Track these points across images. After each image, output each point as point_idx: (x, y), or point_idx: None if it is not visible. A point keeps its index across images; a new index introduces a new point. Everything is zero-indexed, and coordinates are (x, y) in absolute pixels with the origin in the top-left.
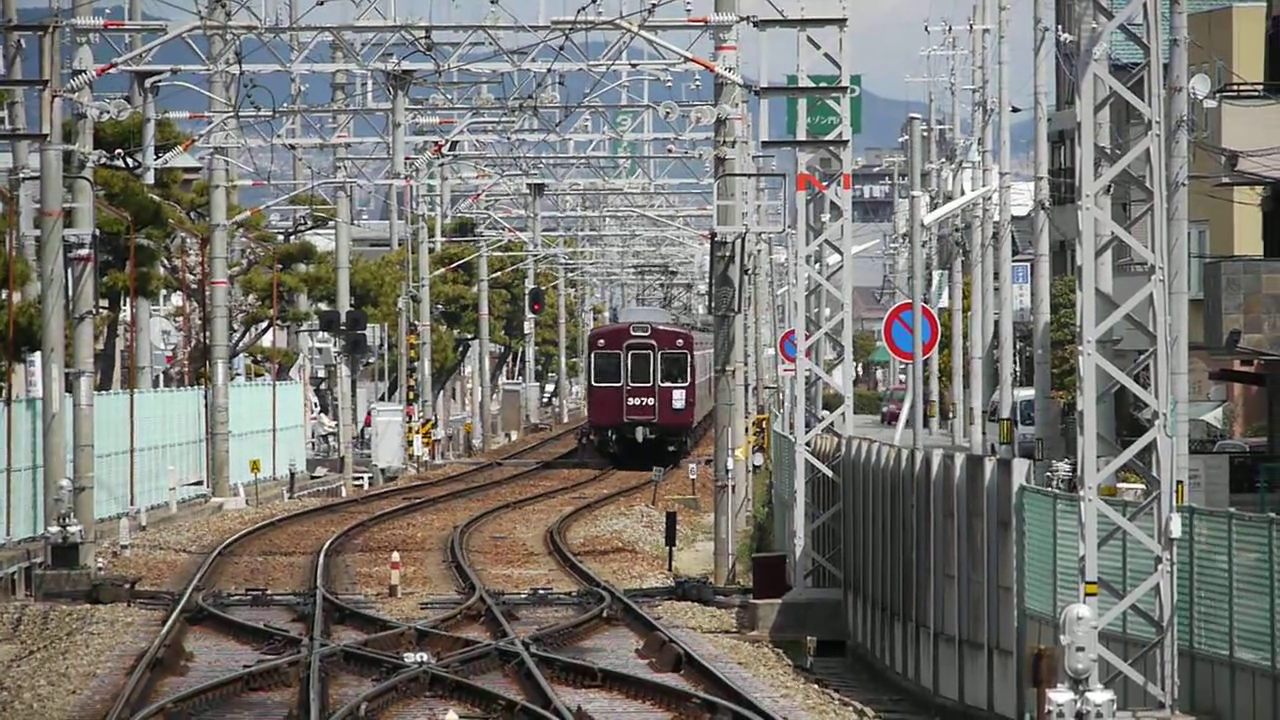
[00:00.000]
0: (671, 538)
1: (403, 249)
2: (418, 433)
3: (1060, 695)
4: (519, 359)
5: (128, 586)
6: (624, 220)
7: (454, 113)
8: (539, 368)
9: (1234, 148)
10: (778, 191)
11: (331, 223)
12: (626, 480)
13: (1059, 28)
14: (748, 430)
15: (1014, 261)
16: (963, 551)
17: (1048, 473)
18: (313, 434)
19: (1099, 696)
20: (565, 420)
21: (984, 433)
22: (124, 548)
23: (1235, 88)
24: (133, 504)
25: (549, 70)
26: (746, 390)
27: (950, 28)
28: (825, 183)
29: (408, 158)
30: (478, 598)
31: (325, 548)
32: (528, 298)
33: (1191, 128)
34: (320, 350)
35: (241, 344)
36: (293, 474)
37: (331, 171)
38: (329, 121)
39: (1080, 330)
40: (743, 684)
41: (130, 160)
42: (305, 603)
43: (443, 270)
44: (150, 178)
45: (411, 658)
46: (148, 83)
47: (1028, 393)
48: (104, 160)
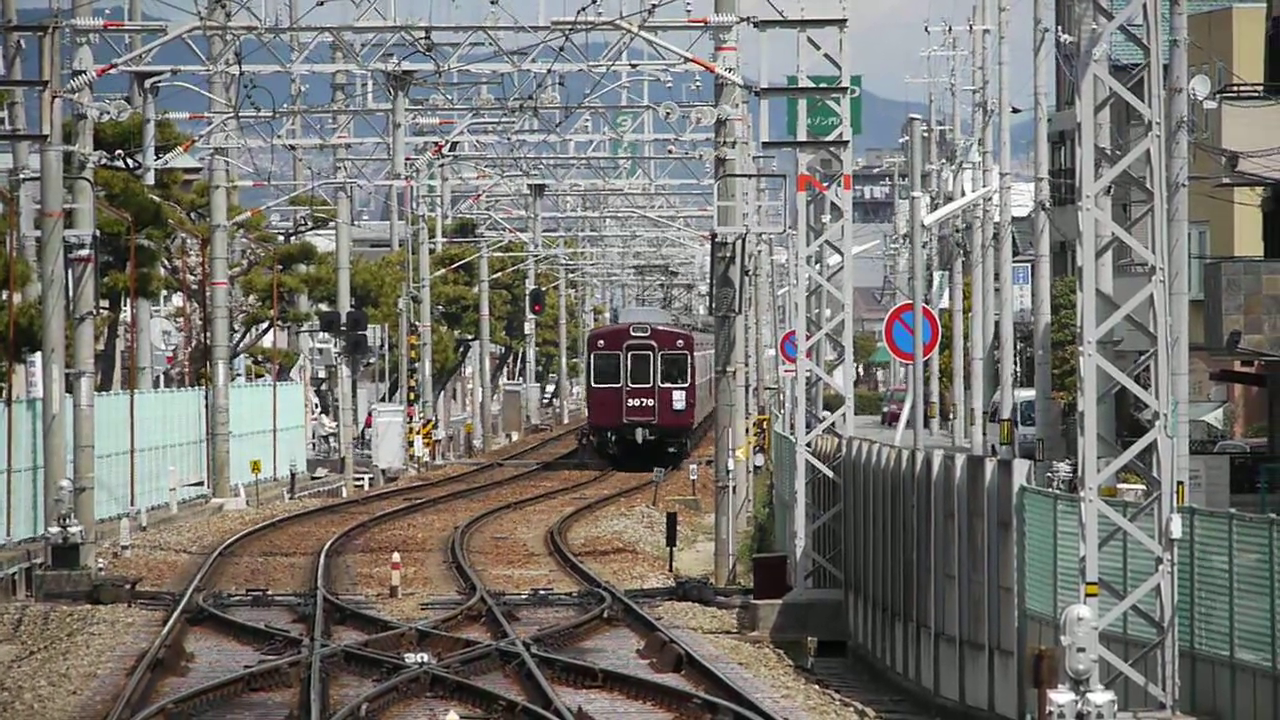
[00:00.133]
0: (672, 538)
1: (403, 250)
2: (418, 433)
3: (1061, 696)
4: (520, 360)
5: (128, 587)
6: (624, 221)
7: (454, 113)
8: (539, 368)
9: (1234, 148)
10: (778, 192)
11: (332, 223)
12: (627, 481)
13: (1059, 28)
14: (748, 431)
15: (1014, 262)
16: (963, 552)
17: (1048, 473)
18: (313, 434)
19: (1100, 697)
20: (566, 421)
21: (984, 433)
22: (124, 548)
23: (1235, 88)
24: (133, 504)
25: (549, 71)
26: (747, 391)
27: (950, 28)
28: (826, 183)
29: (408, 158)
30: (478, 598)
31: (326, 548)
32: (528, 298)
33: (1191, 129)
34: (321, 351)
35: (242, 345)
36: (293, 475)
37: (332, 172)
38: (329, 122)
39: (1081, 331)
40: (743, 684)
41: (130, 161)
42: (306, 603)
43: (443, 271)
44: (150, 178)
45: (412, 658)
46: (148, 83)
47: (1028, 393)
48: (104, 161)
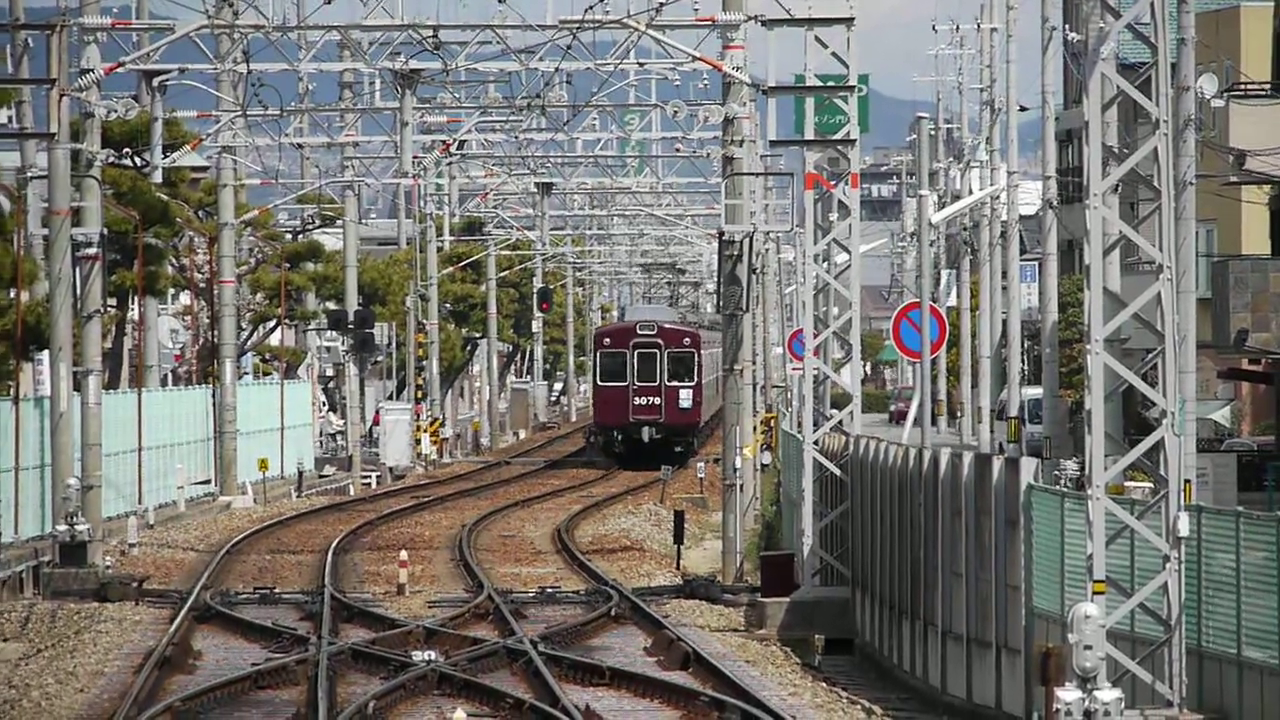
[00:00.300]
0: (679, 536)
1: (411, 248)
2: (426, 431)
3: (1068, 694)
4: (527, 358)
5: (135, 585)
6: (632, 219)
7: (462, 112)
8: (547, 366)
9: (1241, 147)
10: (786, 190)
11: (339, 221)
12: (634, 479)
13: (1066, 27)
14: (756, 429)
15: (1022, 260)
16: (971, 550)
17: (1055, 471)
18: (321, 433)
19: (1107, 695)
20: (573, 419)
21: (992, 431)
22: (132, 546)
23: (1243, 87)
24: (140, 502)
25: (557, 69)
26: (755, 389)
27: (958, 27)
28: (833, 182)
29: (415, 156)
30: (486, 596)
31: (333, 546)
32: (536, 296)
33: (1199, 127)
34: (328, 349)
35: (249, 343)
36: (301, 473)
37: (339, 170)
38: (337, 120)
39: (1088, 329)
40: (751, 682)
41: (138, 159)
42: (313, 601)
43: (451, 269)
44: (158, 176)
45: (419, 656)
46: (155, 82)
47: (1036, 391)
48: (112, 159)
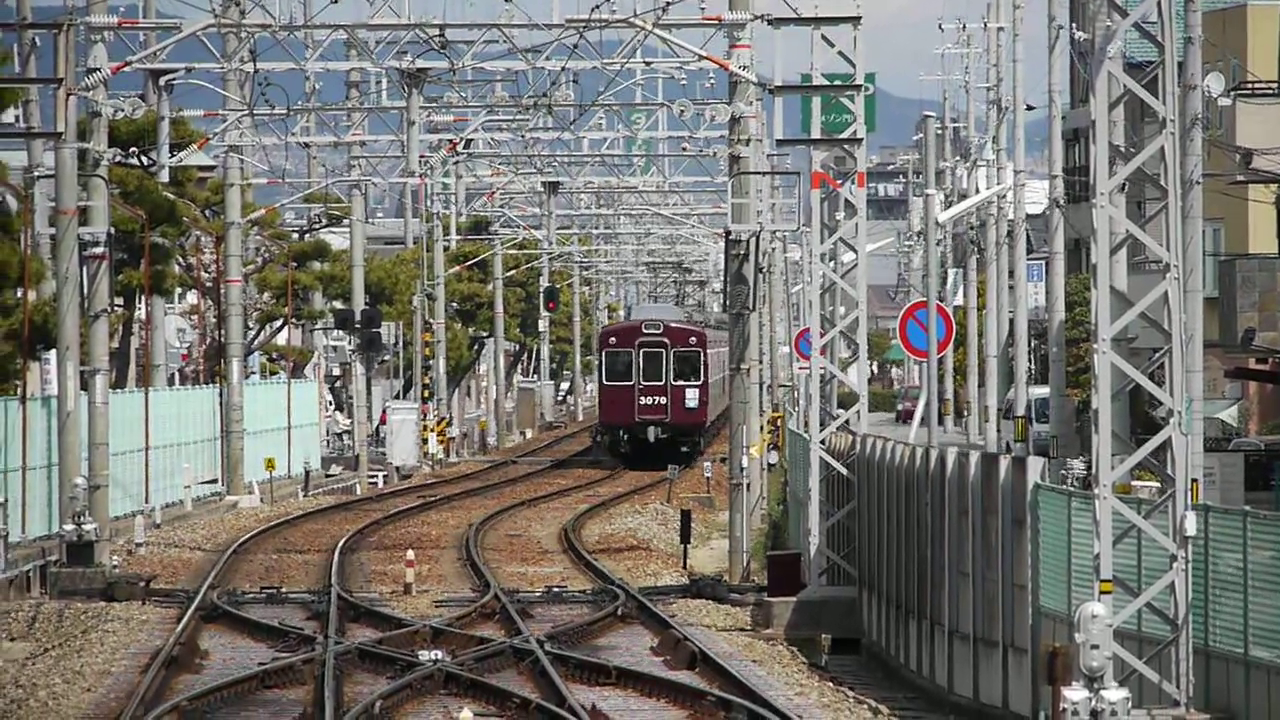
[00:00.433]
0: (686, 536)
1: (417, 247)
2: (432, 431)
3: (1075, 693)
4: (534, 357)
5: (143, 584)
6: (638, 218)
7: (468, 111)
8: (554, 366)
9: (1248, 145)
10: (792, 189)
11: (346, 221)
12: (641, 478)
13: (1073, 25)
14: (762, 428)
15: (1029, 259)
16: (978, 549)
17: (1062, 471)
18: (327, 432)
19: (1114, 694)
20: (580, 418)
21: (999, 431)
22: (139, 545)
23: (1249, 86)
24: (148, 502)
25: (563, 68)
26: (761, 388)
27: (964, 25)
28: (840, 180)
29: (422, 156)
30: (492, 595)
31: (340, 546)
32: (542, 296)
33: (1206, 126)
34: (335, 348)
35: (256, 342)
36: (307, 472)
37: (346, 169)
38: (343, 119)
39: (1095, 328)
40: (757, 682)
41: (145, 158)
42: (320, 600)
43: (458, 268)
44: (165, 176)
45: (426, 656)
46: (162, 81)
47: (1043, 391)
48: (119, 158)
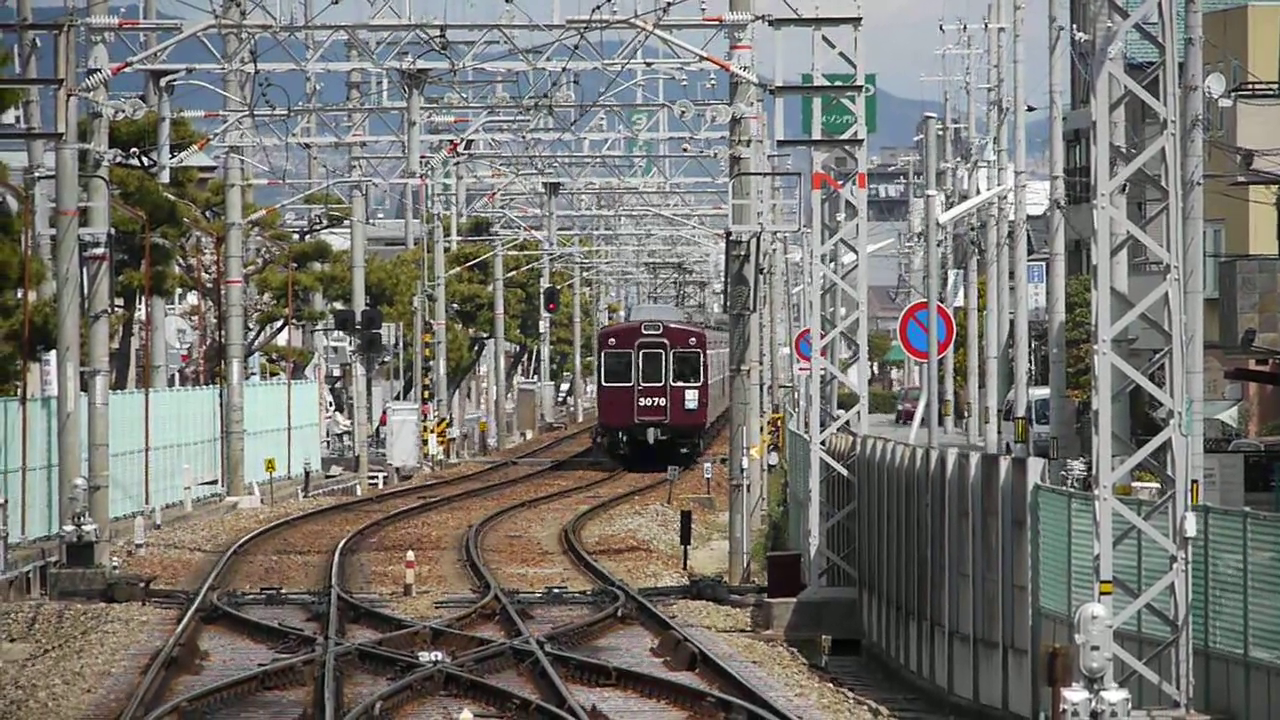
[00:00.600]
0: (686, 537)
1: (418, 248)
2: (433, 431)
3: (1075, 694)
4: (534, 358)
5: (143, 585)
6: (639, 219)
7: (469, 111)
8: (554, 367)
9: (1249, 147)
10: (793, 190)
11: (347, 221)
12: (641, 480)
13: (1074, 26)
14: (763, 429)
15: (1029, 261)
16: (978, 550)
17: (1063, 472)
18: (328, 433)
19: (1114, 695)
20: (580, 420)
21: (999, 432)
22: (139, 546)
23: (1250, 87)
24: (148, 503)
25: (564, 69)
26: (761, 389)
27: (965, 26)
28: (840, 181)
29: (423, 156)
30: (492, 596)
31: (340, 547)
32: (543, 296)
33: (1207, 127)
34: (335, 349)
35: (257, 343)
36: (307, 473)
37: (346, 170)
38: (344, 120)
39: (1095, 329)
40: (757, 683)
41: (145, 159)
42: (320, 602)
43: (458, 269)
44: (165, 177)
45: (426, 657)
46: (163, 81)
47: (1043, 392)
48: (119, 159)
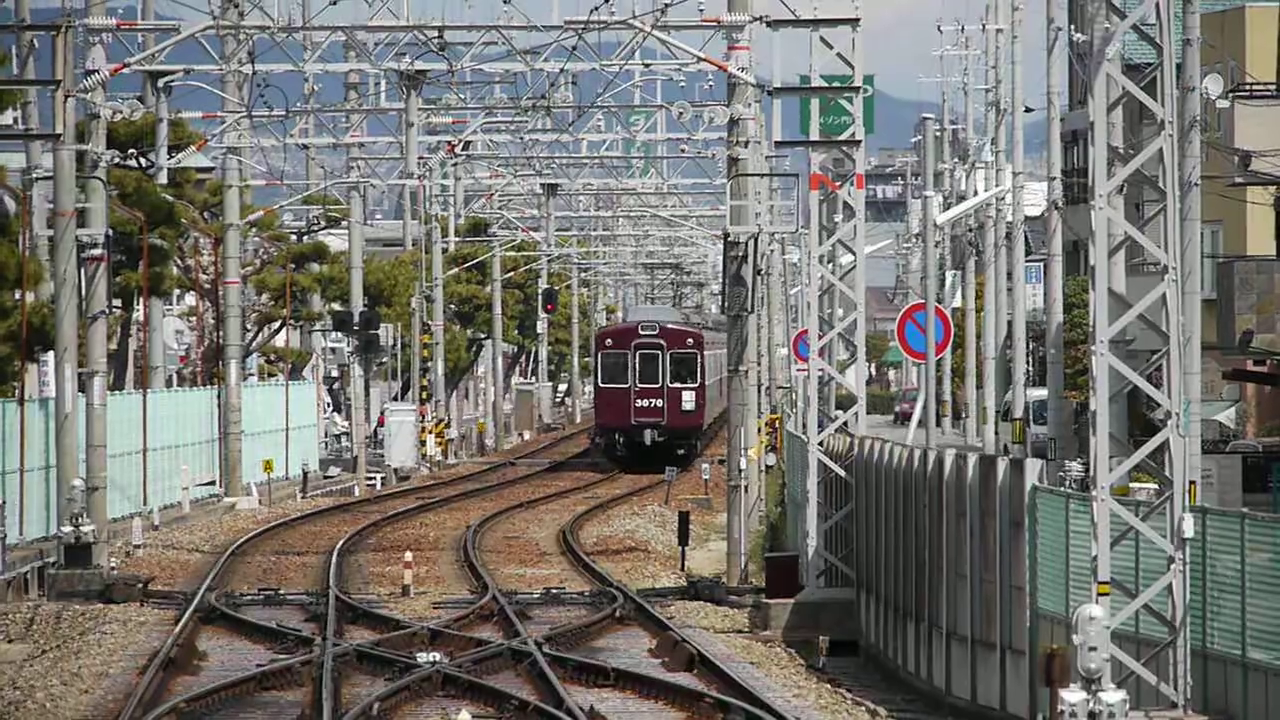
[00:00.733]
0: (684, 537)
1: (416, 249)
2: (431, 432)
3: (1073, 695)
4: (532, 359)
5: (140, 586)
6: (637, 220)
7: (467, 112)
8: (552, 367)
9: (1247, 148)
10: (791, 192)
11: (345, 222)
12: (639, 480)
13: (1072, 27)
14: (760, 430)
15: (1027, 261)
16: (975, 551)
17: (1060, 472)
18: (325, 434)
19: (1111, 696)
20: (578, 420)
21: (997, 433)
22: (137, 547)
23: (1248, 88)
24: (145, 504)
25: (562, 70)
26: (759, 390)
27: (963, 28)
28: (838, 183)
29: (421, 157)
30: (490, 597)
31: (338, 547)
32: (541, 297)
33: (1204, 128)
34: (333, 350)
35: (255, 344)
36: (305, 474)
37: (345, 171)
38: (342, 121)
39: (1093, 330)
40: (755, 683)
41: (143, 160)
42: (318, 602)
43: (456, 270)
44: (163, 177)
45: (424, 657)
46: (161, 82)
47: (1040, 393)
48: (117, 160)
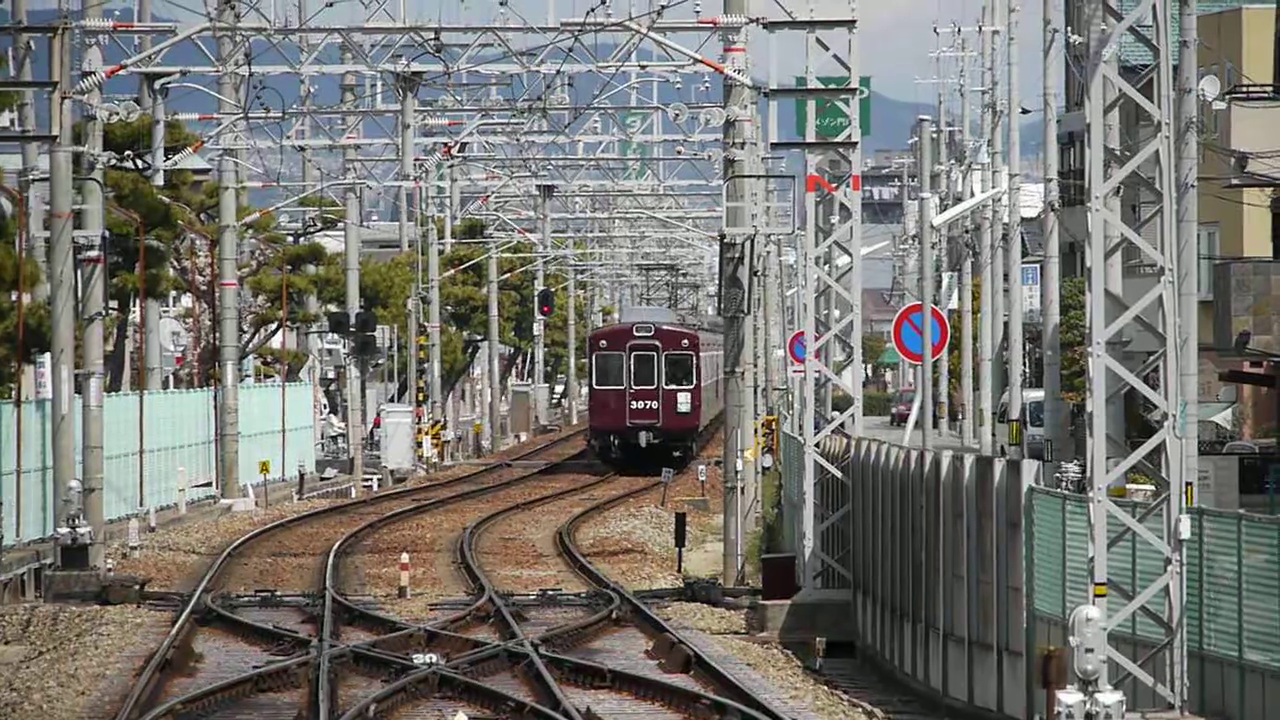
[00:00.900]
0: (681, 539)
1: (412, 250)
2: (427, 434)
3: (1069, 696)
4: (528, 360)
5: (137, 587)
6: (633, 222)
7: (463, 114)
8: (548, 369)
9: (1243, 149)
10: (787, 193)
11: (341, 224)
12: (635, 482)
13: (1068, 29)
14: (757, 432)
15: (1023, 263)
16: (972, 553)
17: (1057, 474)
18: (322, 435)
19: (1108, 698)
20: (574, 422)
21: (993, 434)
22: (133, 549)
23: (1244, 89)
24: (142, 505)
25: (558, 72)
26: (756, 392)
27: (959, 29)
28: (834, 184)
29: (417, 159)
30: (487, 599)
31: (334, 549)
32: (537, 299)
33: (1201, 129)
34: (330, 352)
35: (251, 345)
36: (302, 475)
37: (341, 173)
38: (338, 123)
39: (1089, 332)
40: (752, 685)
41: (140, 162)
42: (314, 604)
43: (452, 272)
44: (160, 179)
45: (420, 659)
46: (157, 84)
47: (1037, 394)
48: (113, 162)
